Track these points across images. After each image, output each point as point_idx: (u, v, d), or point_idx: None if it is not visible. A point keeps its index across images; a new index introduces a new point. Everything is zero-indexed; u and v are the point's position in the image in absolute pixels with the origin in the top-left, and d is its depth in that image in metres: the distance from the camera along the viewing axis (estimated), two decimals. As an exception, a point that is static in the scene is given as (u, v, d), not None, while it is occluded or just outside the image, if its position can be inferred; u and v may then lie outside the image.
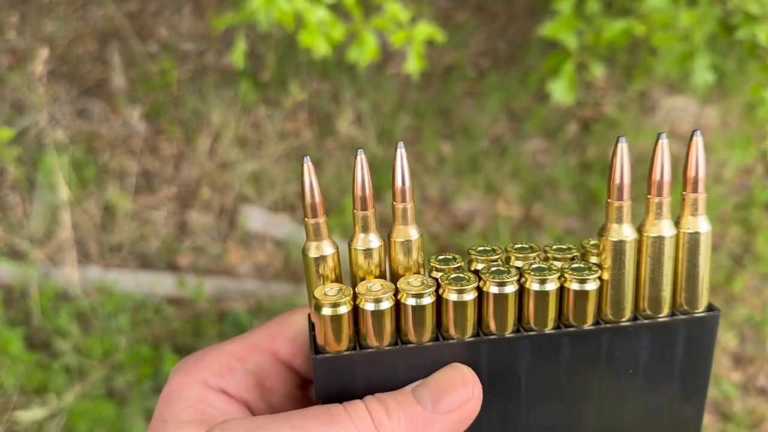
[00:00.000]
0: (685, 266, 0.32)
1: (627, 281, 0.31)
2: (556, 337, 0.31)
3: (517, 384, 0.32)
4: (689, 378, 0.33)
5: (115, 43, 2.02)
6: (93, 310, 1.55)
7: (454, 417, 0.28)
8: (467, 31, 2.19)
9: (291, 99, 1.94)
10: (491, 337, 0.31)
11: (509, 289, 0.30)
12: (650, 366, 0.32)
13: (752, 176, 1.96)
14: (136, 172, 1.79)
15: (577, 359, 0.32)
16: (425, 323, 0.30)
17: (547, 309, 0.31)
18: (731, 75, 2.02)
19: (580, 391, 0.32)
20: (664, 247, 0.31)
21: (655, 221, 0.31)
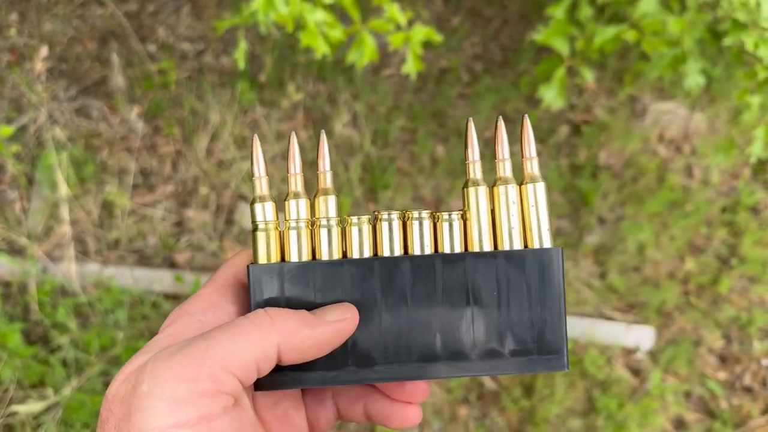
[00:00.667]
0: (528, 211, 0.42)
1: (483, 220, 0.41)
2: (430, 258, 0.40)
3: (404, 296, 0.39)
4: (545, 305, 0.40)
5: (114, 42, 2.04)
6: (91, 306, 1.57)
7: (335, 325, 0.36)
8: (461, 35, 2.22)
9: (287, 100, 1.96)
10: (381, 256, 0.40)
11: (394, 220, 0.40)
12: (510, 290, 0.40)
13: (739, 180, 2.00)
14: (135, 171, 1.81)
15: (449, 277, 0.40)
16: (333, 245, 0.40)
17: (423, 237, 0.40)
18: (719, 81, 2.06)
19: (455, 309, 0.40)
20: (509, 194, 0.41)
21: (501, 176, 0.42)
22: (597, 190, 1.91)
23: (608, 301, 1.77)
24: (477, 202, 0.41)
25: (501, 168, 0.42)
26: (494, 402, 1.60)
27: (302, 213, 0.42)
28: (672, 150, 2.04)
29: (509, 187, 0.41)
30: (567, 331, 0.40)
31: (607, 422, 1.58)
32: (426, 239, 0.40)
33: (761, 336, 1.77)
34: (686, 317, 1.76)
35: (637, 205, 1.90)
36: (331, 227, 0.40)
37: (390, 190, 1.85)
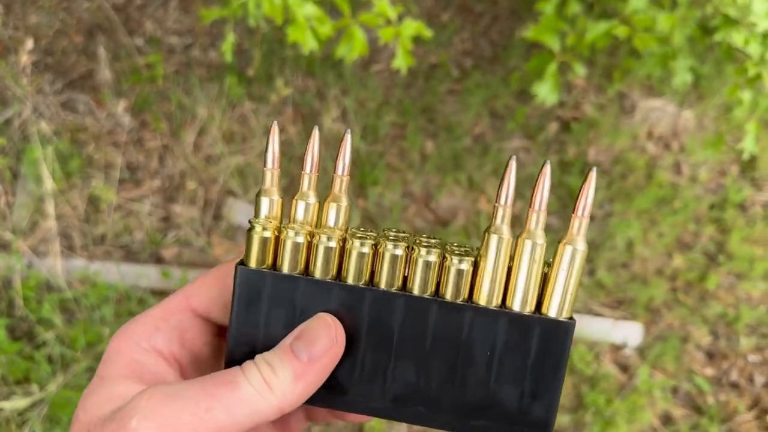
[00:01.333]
0: (556, 274, 0.36)
1: (497, 272, 0.36)
2: (427, 301, 0.36)
3: (390, 335, 0.37)
4: (541, 378, 0.37)
5: (101, 35, 2.02)
6: (76, 301, 1.55)
7: (324, 362, 0.34)
8: (451, 30, 2.21)
9: (276, 94, 1.95)
10: (376, 288, 0.37)
11: (398, 252, 0.36)
12: (505, 355, 0.36)
13: (727, 177, 2.01)
14: (121, 165, 1.79)
15: (443, 326, 0.36)
16: (329, 264, 0.37)
17: (426, 278, 0.36)
18: (707, 78, 2.07)
19: (441, 359, 0.37)
20: (535, 252, 0.36)
21: (530, 229, 0.36)
22: (586, 186, 1.91)
23: (596, 297, 1.77)
24: (497, 254, 0.36)
25: (533, 220, 0.36)
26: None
27: (308, 216, 0.39)
28: (661, 147, 2.04)
29: (537, 245, 0.36)
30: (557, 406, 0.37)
31: (595, 418, 1.58)
32: (428, 280, 0.36)
33: (748, 332, 1.78)
34: (674, 313, 1.77)
35: (625, 202, 1.91)
36: (330, 246, 0.37)
37: (379, 186, 1.84)
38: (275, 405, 0.33)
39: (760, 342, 1.77)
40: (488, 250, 0.36)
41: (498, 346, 0.36)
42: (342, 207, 0.39)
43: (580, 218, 0.35)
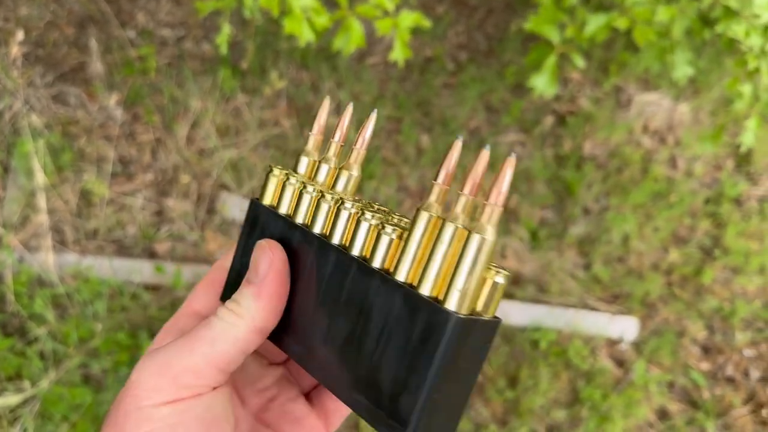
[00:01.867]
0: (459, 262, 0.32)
1: (418, 249, 0.34)
2: (349, 259, 0.36)
3: (320, 284, 0.38)
4: (414, 370, 0.32)
5: (93, 27, 1.99)
6: (69, 297, 1.53)
7: (270, 276, 0.37)
8: (446, 23, 2.20)
9: (270, 87, 1.93)
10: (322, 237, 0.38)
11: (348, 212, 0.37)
12: (393, 332, 0.33)
13: (722, 171, 2.01)
14: (113, 159, 1.77)
15: (354, 287, 0.36)
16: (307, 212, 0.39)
17: (363, 240, 0.37)
18: (704, 73, 2.06)
19: (347, 320, 0.36)
20: (444, 234, 0.33)
21: (455, 212, 0.33)
22: (582, 180, 1.91)
23: (592, 292, 1.77)
24: (423, 230, 0.34)
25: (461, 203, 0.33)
26: (479, 393, 1.60)
27: (321, 177, 0.42)
28: (656, 141, 2.04)
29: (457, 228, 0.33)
30: (426, 407, 0.32)
31: (591, 413, 1.58)
32: (364, 243, 0.36)
33: (744, 327, 1.78)
34: (670, 308, 1.77)
35: (621, 196, 1.90)
36: (317, 198, 0.39)
37: (375, 180, 1.83)
38: (249, 326, 0.36)
39: (755, 336, 1.77)
40: (415, 227, 0.34)
41: (390, 321, 0.33)
42: (353, 177, 0.41)
43: (492, 206, 0.32)
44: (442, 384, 0.32)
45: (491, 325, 0.33)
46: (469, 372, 0.33)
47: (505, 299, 1.71)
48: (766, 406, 1.66)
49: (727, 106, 2.07)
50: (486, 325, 0.33)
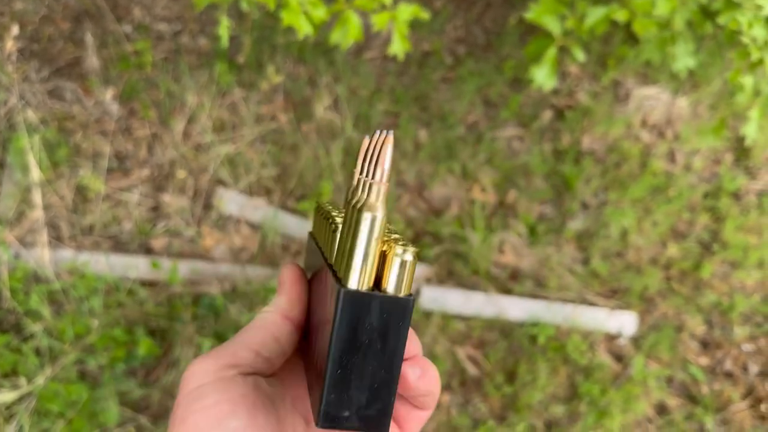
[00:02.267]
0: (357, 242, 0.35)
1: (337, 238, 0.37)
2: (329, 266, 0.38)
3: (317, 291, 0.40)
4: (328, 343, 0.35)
5: (88, 22, 1.98)
6: (65, 293, 1.53)
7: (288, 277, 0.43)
8: (444, 17, 2.19)
9: (267, 82, 1.92)
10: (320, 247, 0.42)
11: None
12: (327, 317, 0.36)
13: (721, 165, 2.00)
14: (109, 154, 1.76)
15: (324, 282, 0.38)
16: None
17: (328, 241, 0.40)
18: (703, 66, 2.05)
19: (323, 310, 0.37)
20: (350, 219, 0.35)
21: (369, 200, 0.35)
22: (580, 175, 1.90)
23: (591, 287, 1.76)
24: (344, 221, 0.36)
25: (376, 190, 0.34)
26: (477, 388, 1.59)
27: None
28: (655, 135, 2.03)
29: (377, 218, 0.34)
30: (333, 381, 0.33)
31: (589, 408, 1.57)
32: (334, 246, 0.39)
33: (742, 321, 1.77)
34: (668, 303, 1.76)
35: (620, 191, 1.89)
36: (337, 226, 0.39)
37: (372, 175, 1.81)
38: (276, 312, 0.42)
39: (754, 331, 1.76)
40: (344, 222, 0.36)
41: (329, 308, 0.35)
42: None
43: (378, 184, 0.34)
44: (345, 358, 0.33)
45: (398, 302, 0.33)
46: (384, 350, 0.34)
47: (504, 294, 1.70)
48: (764, 400, 1.66)
49: (726, 100, 2.06)
50: (390, 302, 0.33)
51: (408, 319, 0.33)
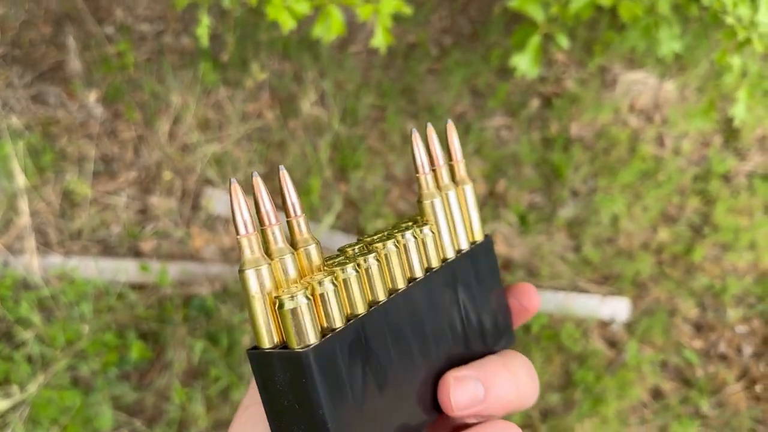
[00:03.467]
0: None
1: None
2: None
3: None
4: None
5: (70, 25, 1.97)
6: (54, 299, 1.52)
7: None
8: (428, 8, 2.18)
9: (252, 79, 1.91)
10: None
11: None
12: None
13: (710, 148, 2.00)
14: (95, 157, 1.75)
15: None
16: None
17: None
18: (688, 49, 2.05)
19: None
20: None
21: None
22: (569, 162, 1.89)
23: (583, 274, 1.76)
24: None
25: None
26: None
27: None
28: (643, 120, 2.03)
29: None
30: None
31: (584, 395, 1.58)
32: None
33: (735, 303, 1.77)
34: (661, 287, 1.76)
35: (609, 177, 1.89)
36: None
37: (361, 170, 1.81)
38: None
39: (747, 312, 1.77)
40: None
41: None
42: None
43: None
44: (277, 424, 0.32)
45: (291, 357, 0.30)
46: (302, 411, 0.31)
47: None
48: (759, 381, 1.66)
49: (714, 81, 2.05)
50: (284, 357, 0.30)
51: (311, 371, 0.30)
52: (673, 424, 1.56)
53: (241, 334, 1.52)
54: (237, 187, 0.32)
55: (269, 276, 0.31)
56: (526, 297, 0.44)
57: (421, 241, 0.38)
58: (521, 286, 0.45)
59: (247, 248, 0.32)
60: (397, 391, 0.34)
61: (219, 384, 1.47)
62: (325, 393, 0.30)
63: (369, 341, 0.33)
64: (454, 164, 0.42)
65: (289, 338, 0.31)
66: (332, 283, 0.32)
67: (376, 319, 0.33)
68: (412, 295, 0.36)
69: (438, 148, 0.41)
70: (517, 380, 0.38)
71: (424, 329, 0.36)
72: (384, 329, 0.34)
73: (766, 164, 1.99)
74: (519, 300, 0.44)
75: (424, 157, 0.40)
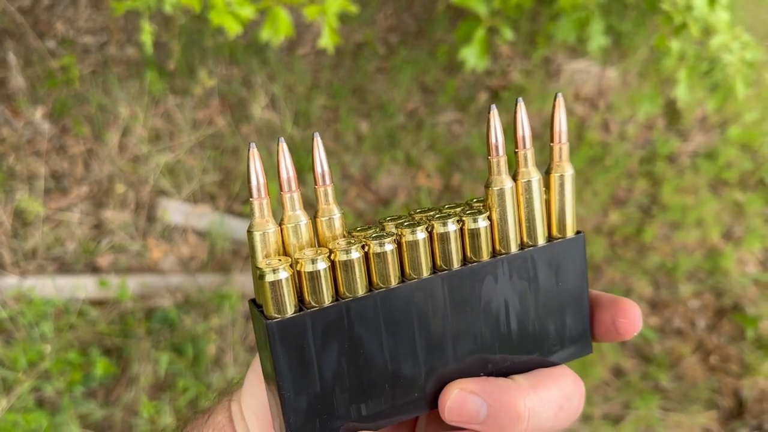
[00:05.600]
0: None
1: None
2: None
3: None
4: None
5: (9, 41, 1.92)
6: (13, 320, 1.49)
7: None
8: (374, 7, 2.19)
9: (200, 86, 1.90)
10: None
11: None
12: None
13: (654, 131, 2.06)
14: (45, 174, 1.72)
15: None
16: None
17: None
18: (627, 36, 2.11)
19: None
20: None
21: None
22: (520, 152, 1.93)
23: (540, 261, 1.80)
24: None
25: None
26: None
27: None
28: (588, 107, 2.08)
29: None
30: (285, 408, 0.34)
31: (549, 379, 1.61)
32: None
33: (686, 279, 1.84)
34: (615, 268, 1.81)
35: (560, 164, 1.93)
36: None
37: (316, 171, 1.81)
38: None
39: (698, 287, 1.83)
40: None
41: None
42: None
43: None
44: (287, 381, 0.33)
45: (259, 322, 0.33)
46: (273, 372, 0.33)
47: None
48: (713, 353, 1.73)
49: (654, 66, 2.12)
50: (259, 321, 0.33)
51: (274, 343, 0.32)
52: (636, 400, 1.61)
53: (206, 343, 1.52)
54: (255, 152, 0.33)
55: (273, 240, 0.34)
56: (623, 317, 0.39)
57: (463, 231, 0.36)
58: (623, 302, 0.39)
59: (258, 211, 0.34)
60: (385, 378, 0.35)
61: (187, 395, 1.47)
62: (284, 363, 0.32)
63: (352, 325, 0.34)
64: (555, 146, 0.38)
65: (266, 306, 0.33)
66: (327, 260, 0.33)
67: (368, 305, 0.34)
68: (426, 287, 0.35)
69: (557, 125, 0.38)
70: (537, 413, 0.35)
71: (429, 324, 0.35)
72: (377, 316, 0.34)
73: (708, 144, 2.06)
74: (614, 317, 0.39)
75: (499, 137, 0.37)
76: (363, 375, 0.34)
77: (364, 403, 0.35)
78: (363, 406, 0.35)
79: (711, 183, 1.99)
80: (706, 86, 2.08)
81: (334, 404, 0.34)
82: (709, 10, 1.29)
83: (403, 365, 0.35)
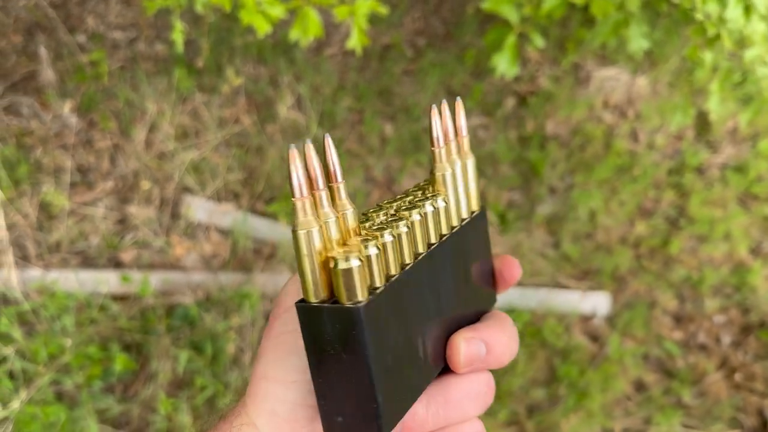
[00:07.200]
0: None
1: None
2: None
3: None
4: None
5: (41, 34, 1.94)
6: (35, 313, 1.50)
7: None
8: (402, 10, 2.18)
9: (228, 85, 1.90)
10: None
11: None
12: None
13: (683, 141, 2.03)
14: (71, 168, 1.73)
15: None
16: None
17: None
18: (659, 45, 2.08)
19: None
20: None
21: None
22: (546, 160, 1.91)
23: (563, 270, 1.78)
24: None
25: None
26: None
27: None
28: (617, 115, 2.05)
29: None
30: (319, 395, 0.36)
31: (569, 390, 1.59)
32: None
33: (712, 293, 1.80)
34: (640, 280, 1.79)
35: (586, 173, 1.91)
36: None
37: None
38: None
39: (724, 302, 1.80)
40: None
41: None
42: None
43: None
44: (320, 369, 0.35)
45: (343, 312, 0.34)
46: (350, 359, 0.34)
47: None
48: (738, 370, 1.70)
49: (685, 77, 2.09)
50: (336, 311, 0.34)
51: (361, 326, 0.33)
52: (657, 415, 1.58)
53: (226, 342, 1.52)
54: (295, 153, 0.34)
55: (318, 237, 0.35)
56: (508, 268, 0.49)
57: (438, 210, 0.41)
58: (505, 258, 0.49)
59: (301, 210, 0.34)
60: (419, 344, 0.38)
61: (205, 393, 1.47)
62: (371, 344, 0.34)
63: (402, 299, 0.37)
64: (460, 139, 0.44)
65: (339, 294, 0.34)
66: (376, 247, 0.35)
67: (405, 280, 0.37)
68: (433, 257, 0.40)
69: (458, 122, 0.44)
70: (509, 339, 0.43)
71: (439, 290, 0.40)
72: (411, 289, 0.38)
73: (738, 156, 2.03)
74: (501, 270, 0.49)
75: (440, 131, 0.42)
76: (411, 348, 0.37)
77: (414, 376, 0.38)
78: (414, 378, 0.38)
79: (740, 196, 1.95)
80: (737, 97, 2.04)
81: (403, 381, 0.37)
82: (745, 22, 1.27)
83: (427, 333, 0.39)
